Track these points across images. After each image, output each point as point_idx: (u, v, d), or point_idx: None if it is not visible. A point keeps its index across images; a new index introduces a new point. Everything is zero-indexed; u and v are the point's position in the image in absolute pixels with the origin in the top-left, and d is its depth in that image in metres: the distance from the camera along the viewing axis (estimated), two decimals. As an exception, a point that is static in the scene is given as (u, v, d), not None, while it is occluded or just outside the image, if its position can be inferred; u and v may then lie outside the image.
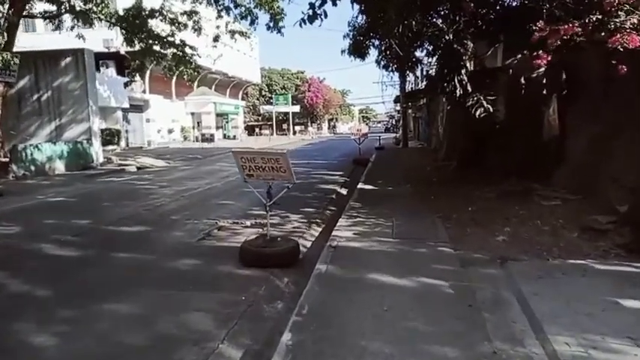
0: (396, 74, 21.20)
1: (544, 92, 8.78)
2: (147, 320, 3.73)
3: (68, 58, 17.48)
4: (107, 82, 25.58)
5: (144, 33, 16.90)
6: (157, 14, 16.94)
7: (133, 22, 16.81)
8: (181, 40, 17.91)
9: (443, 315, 3.40)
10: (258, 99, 64.67)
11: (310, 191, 10.65)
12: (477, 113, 9.31)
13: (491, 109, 9.23)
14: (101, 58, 30.18)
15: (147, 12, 16.76)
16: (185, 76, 18.44)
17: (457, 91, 11.06)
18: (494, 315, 3.42)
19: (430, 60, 15.63)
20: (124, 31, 17.08)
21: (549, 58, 6.05)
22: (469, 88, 10.70)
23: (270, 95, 61.65)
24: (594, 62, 6.62)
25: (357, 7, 12.24)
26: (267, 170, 4.88)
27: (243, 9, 16.23)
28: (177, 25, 17.98)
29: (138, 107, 31.69)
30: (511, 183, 8.35)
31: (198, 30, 18.05)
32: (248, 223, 7.02)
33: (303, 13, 6.87)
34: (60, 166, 16.01)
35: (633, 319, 3.21)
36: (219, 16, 16.83)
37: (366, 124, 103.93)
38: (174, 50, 17.43)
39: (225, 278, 4.70)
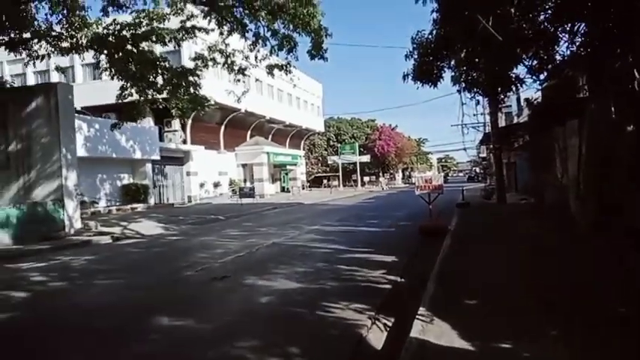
0: (480, 106, 14.88)
1: None
2: None
3: (39, 98, 13.46)
4: (130, 130, 21.96)
5: (127, 55, 12.48)
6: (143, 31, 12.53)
7: (115, 44, 12.51)
8: (183, 66, 13.37)
9: None
10: (326, 149, 60.53)
11: (293, 333, 4.34)
12: None
13: None
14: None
15: (130, 28, 12.39)
16: (173, 111, 13.55)
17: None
18: None
19: (535, 77, 9.78)
20: (102, 56, 12.76)
21: None
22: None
23: (338, 145, 57.24)
24: None
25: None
26: None
27: (279, 36, 12.59)
28: (201, 59, 13.59)
29: (177, 159, 28.10)
30: None
31: (229, 65, 13.61)
32: None
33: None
34: (4, 238, 11.51)
35: None
36: (253, 48, 13.30)
37: (446, 173, 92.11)
38: (167, 75, 12.72)
39: None
